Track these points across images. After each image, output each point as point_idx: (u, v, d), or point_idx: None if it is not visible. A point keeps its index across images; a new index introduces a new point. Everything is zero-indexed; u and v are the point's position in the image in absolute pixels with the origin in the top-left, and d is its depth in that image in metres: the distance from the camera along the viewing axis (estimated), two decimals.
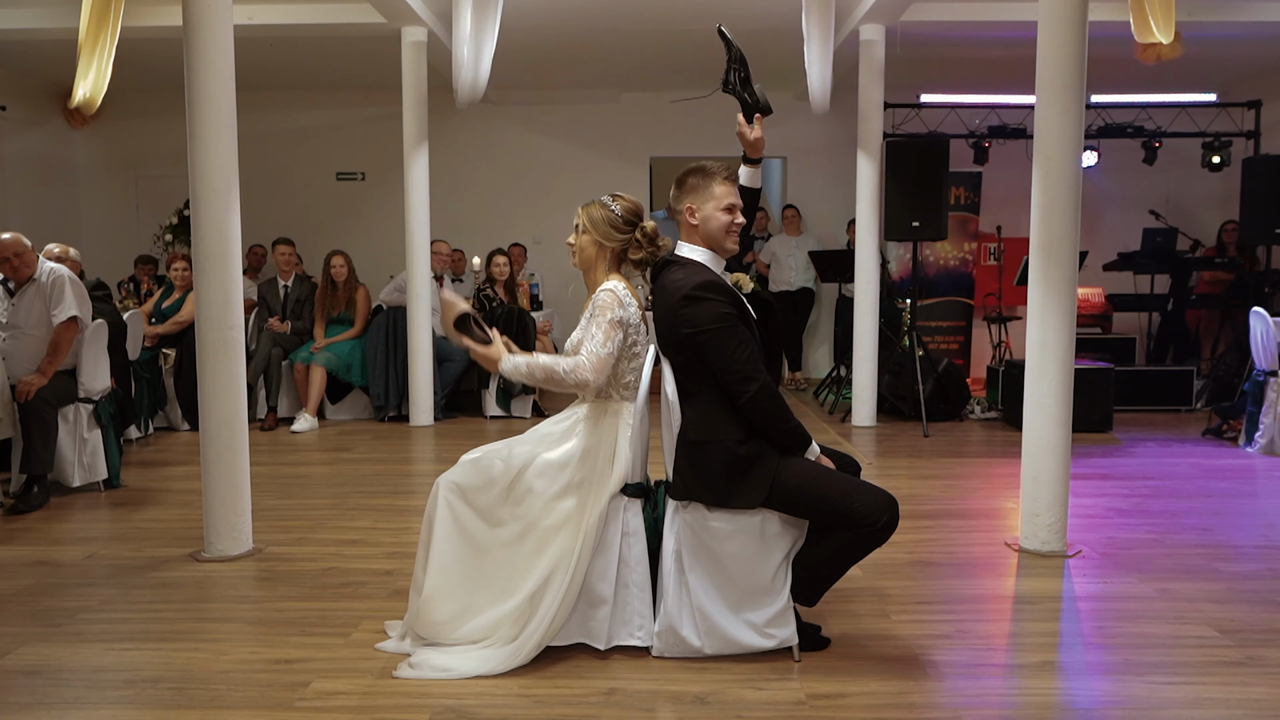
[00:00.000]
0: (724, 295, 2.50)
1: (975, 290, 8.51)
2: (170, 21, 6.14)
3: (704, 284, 2.49)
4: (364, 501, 4.41)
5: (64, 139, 9.04)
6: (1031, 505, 3.61)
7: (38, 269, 4.42)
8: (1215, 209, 8.76)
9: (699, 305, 2.47)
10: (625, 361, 2.63)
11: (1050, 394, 3.56)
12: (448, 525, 2.57)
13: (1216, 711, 2.31)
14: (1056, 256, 3.52)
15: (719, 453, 2.50)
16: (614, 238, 2.65)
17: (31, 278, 4.41)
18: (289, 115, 9.12)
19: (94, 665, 2.59)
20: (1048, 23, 3.51)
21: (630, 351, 2.63)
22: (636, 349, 2.64)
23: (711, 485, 2.50)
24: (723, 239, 2.60)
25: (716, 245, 2.61)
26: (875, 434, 6.25)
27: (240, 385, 3.58)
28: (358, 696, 2.39)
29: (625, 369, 2.64)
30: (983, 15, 6.41)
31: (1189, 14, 5.98)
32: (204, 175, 3.47)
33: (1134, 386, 7.02)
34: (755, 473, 2.49)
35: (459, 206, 8.89)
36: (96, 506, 4.37)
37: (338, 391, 6.83)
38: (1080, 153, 3.54)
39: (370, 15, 6.22)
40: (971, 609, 3.02)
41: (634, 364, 2.64)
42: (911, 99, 7.90)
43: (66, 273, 4.45)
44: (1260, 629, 2.83)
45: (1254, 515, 4.15)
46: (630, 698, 2.38)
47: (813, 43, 5.91)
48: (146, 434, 6.09)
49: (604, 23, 6.76)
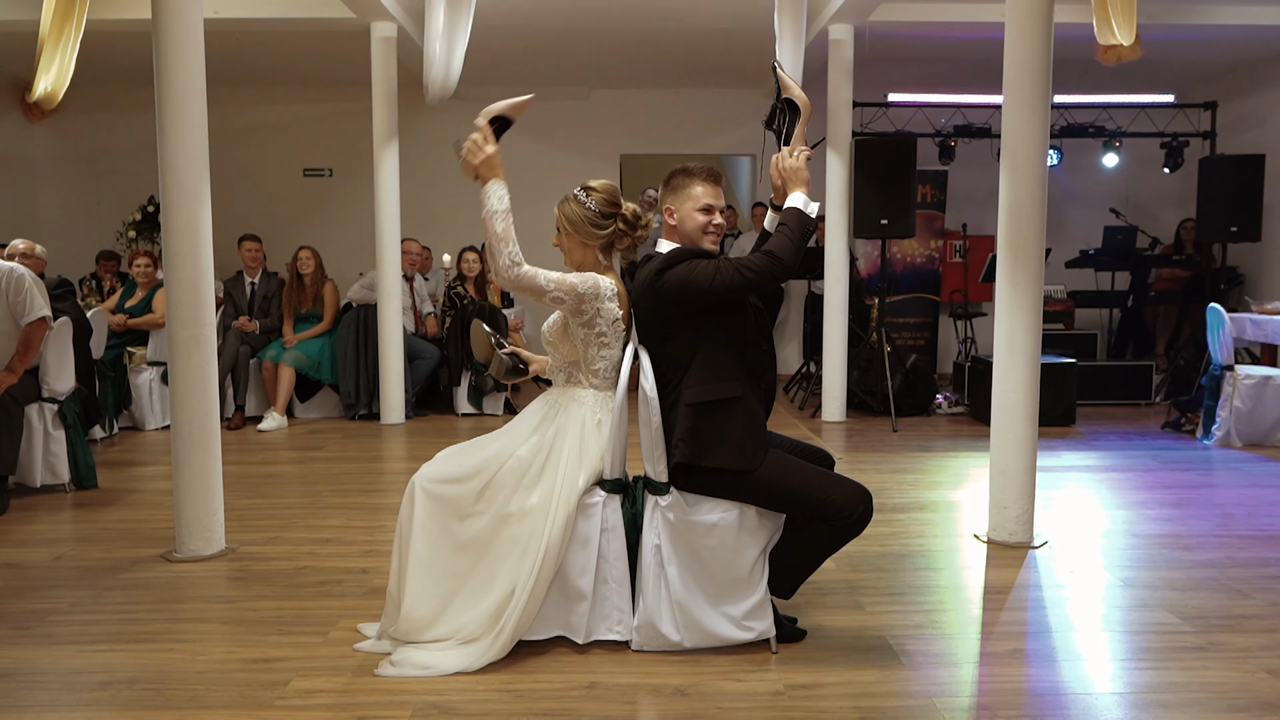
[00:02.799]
0: (696, 253, 2.55)
1: (942, 287, 8.65)
2: (133, 14, 6.05)
3: (676, 251, 2.56)
4: (337, 500, 4.39)
5: (21, 133, 8.85)
6: (999, 498, 3.68)
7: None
8: (1173, 207, 8.97)
9: (678, 263, 2.51)
10: (594, 348, 2.65)
11: (1017, 389, 3.64)
12: (424, 523, 2.57)
13: (1179, 695, 2.38)
14: (1023, 253, 3.59)
15: (740, 411, 2.53)
16: (596, 236, 2.66)
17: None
18: (255, 110, 9.00)
19: (67, 667, 2.56)
20: (1015, 24, 3.58)
21: (598, 340, 2.64)
22: (605, 339, 2.64)
23: (740, 447, 2.50)
24: (699, 238, 2.62)
25: (692, 244, 2.63)
26: (845, 429, 6.32)
27: (212, 384, 3.55)
28: (338, 694, 2.38)
29: (594, 355, 2.65)
30: (949, 16, 6.51)
31: (1149, 17, 6.11)
32: (174, 171, 3.43)
33: (1095, 381, 7.17)
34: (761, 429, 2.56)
35: (428, 203, 8.84)
36: (61, 508, 4.30)
37: (306, 390, 6.77)
38: (1046, 151, 3.62)
39: (339, 10, 6.16)
40: (942, 599, 3.08)
41: (603, 352, 2.65)
42: (879, 98, 8.00)
43: (26, 272, 4.37)
44: (1220, 615, 2.92)
45: (1213, 505, 4.27)
46: (611, 691, 2.40)
47: (784, 42, 5.95)
48: (111, 434, 5.99)
49: (574, 20, 6.76)
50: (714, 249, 2.65)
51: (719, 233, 2.65)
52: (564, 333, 2.68)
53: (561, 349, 2.71)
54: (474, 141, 2.51)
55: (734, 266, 2.47)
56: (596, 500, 2.60)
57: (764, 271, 2.46)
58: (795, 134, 2.68)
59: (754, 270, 2.46)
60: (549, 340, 2.73)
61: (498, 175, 2.52)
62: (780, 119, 2.71)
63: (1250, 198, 6.94)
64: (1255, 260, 8.21)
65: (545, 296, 2.55)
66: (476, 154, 2.51)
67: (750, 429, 2.53)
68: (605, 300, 2.61)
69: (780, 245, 2.50)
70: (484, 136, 2.52)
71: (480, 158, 2.51)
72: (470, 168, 2.52)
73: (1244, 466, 5.09)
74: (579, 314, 2.60)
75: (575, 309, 2.59)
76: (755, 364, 2.62)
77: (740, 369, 2.57)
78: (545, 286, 2.53)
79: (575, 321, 2.63)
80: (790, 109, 2.70)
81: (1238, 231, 6.95)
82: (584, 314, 2.60)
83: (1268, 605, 3.00)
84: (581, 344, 2.65)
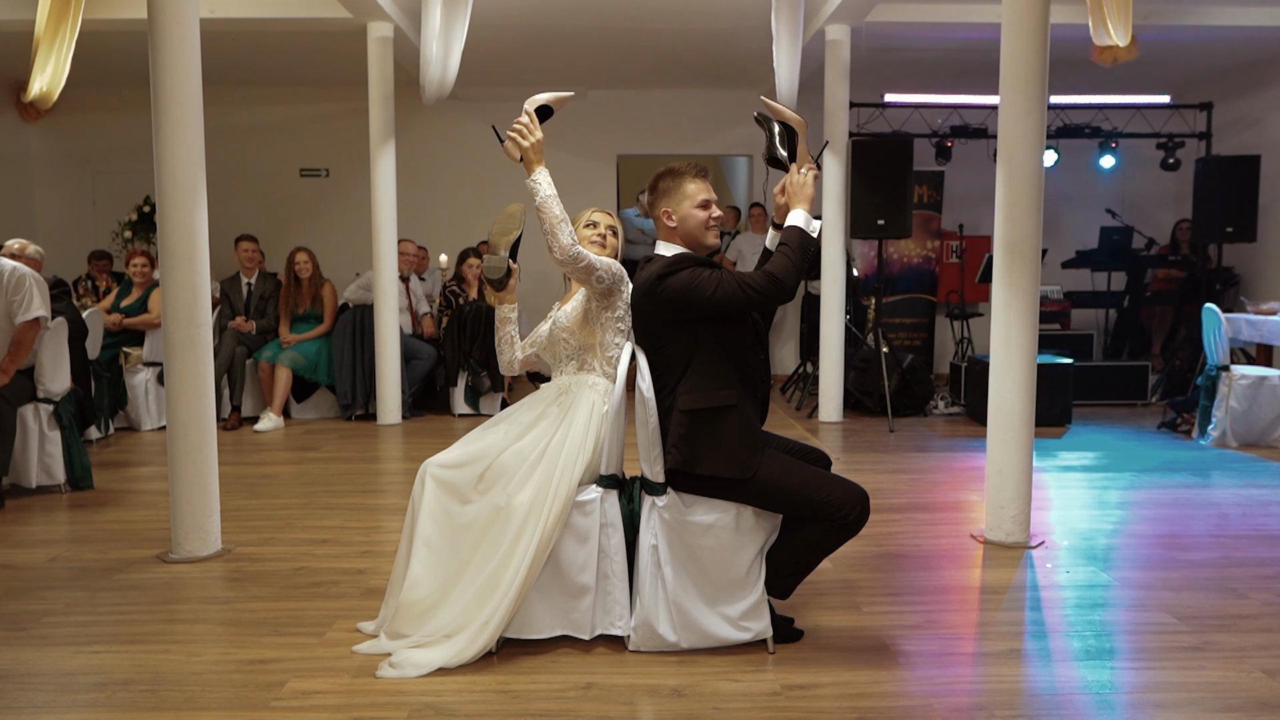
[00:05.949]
0: (700, 262, 2.56)
1: (938, 287, 8.66)
2: (129, 14, 6.04)
3: (680, 257, 2.56)
4: (333, 501, 4.38)
5: (17, 133, 8.82)
6: (996, 498, 3.69)
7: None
8: (1169, 208, 8.99)
9: (681, 270, 2.51)
10: (611, 334, 2.73)
11: (1014, 389, 3.64)
12: (430, 506, 2.62)
13: (1175, 695, 2.39)
14: (1020, 254, 3.60)
15: (734, 420, 2.52)
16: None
17: None
18: (251, 110, 8.98)
19: (63, 669, 2.55)
20: (1011, 25, 3.58)
21: (616, 325, 2.73)
22: (621, 325, 2.74)
23: (734, 456, 2.51)
24: (702, 235, 2.63)
25: (696, 243, 2.64)
26: (842, 429, 6.33)
27: (208, 384, 3.54)
28: (335, 695, 2.38)
29: (610, 341, 2.73)
30: (945, 17, 6.52)
31: (1144, 18, 6.13)
32: (170, 171, 3.42)
33: (1091, 381, 7.18)
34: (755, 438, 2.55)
35: (425, 204, 8.83)
36: (56, 508, 4.29)
37: (303, 390, 6.76)
38: (1043, 151, 3.62)
39: (336, 10, 6.16)
40: (939, 599, 3.08)
41: (617, 339, 2.74)
42: (876, 99, 8.01)
43: (30, 272, 4.37)
44: (1215, 615, 2.93)
45: (1208, 505, 4.28)
46: (608, 692, 2.40)
47: (781, 42, 5.96)
48: (107, 435, 5.98)
49: (571, 20, 6.76)
50: (716, 243, 2.67)
51: (719, 225, 2.68)
52: (584, 317, 2.75)
53: (579, 334, 2.76)
54: (523, 126, 2.59)
55: (736, 282, 2.48)
56: (594, 496, 2.61)
57: (765, 292, 2.47)
58: (800, 152, 2.69)
59: (755, 289, 2.47)
60: (566, 326, 2.77)
61: (541, 162, 2.61)
62: (782, 143, 2.72)
63: (1246, 198, 6.96)
64: (1251, 261, 8.22)
65: (594, 274, 2.64)
66: (527, 137, 2.58)
67: (744, 437, 2.53)
68: (628, 284, 2.73)
69: (782, 267, 2.50)
70: (532, 121, 2.60)
71: (529, 142, 2.59)
72: (518, 149, 2.60)
73: (1239, 466, 5.10)
74: (610, 294, 2.70)
75: (612, 288, 2.69)
76: (752, 372, 2.62)
77: (736, 377, 2.57)
78: (596, 265, 2.63)
79: (602, 304, 2.71)
80: (789, 131, 2.71)
81: (1233, 232, 6.96)
82: (613, 295, 2.70)
83: (1263, 605, 3.01)
84: (601, 328, 2.73)
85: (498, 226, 2.85)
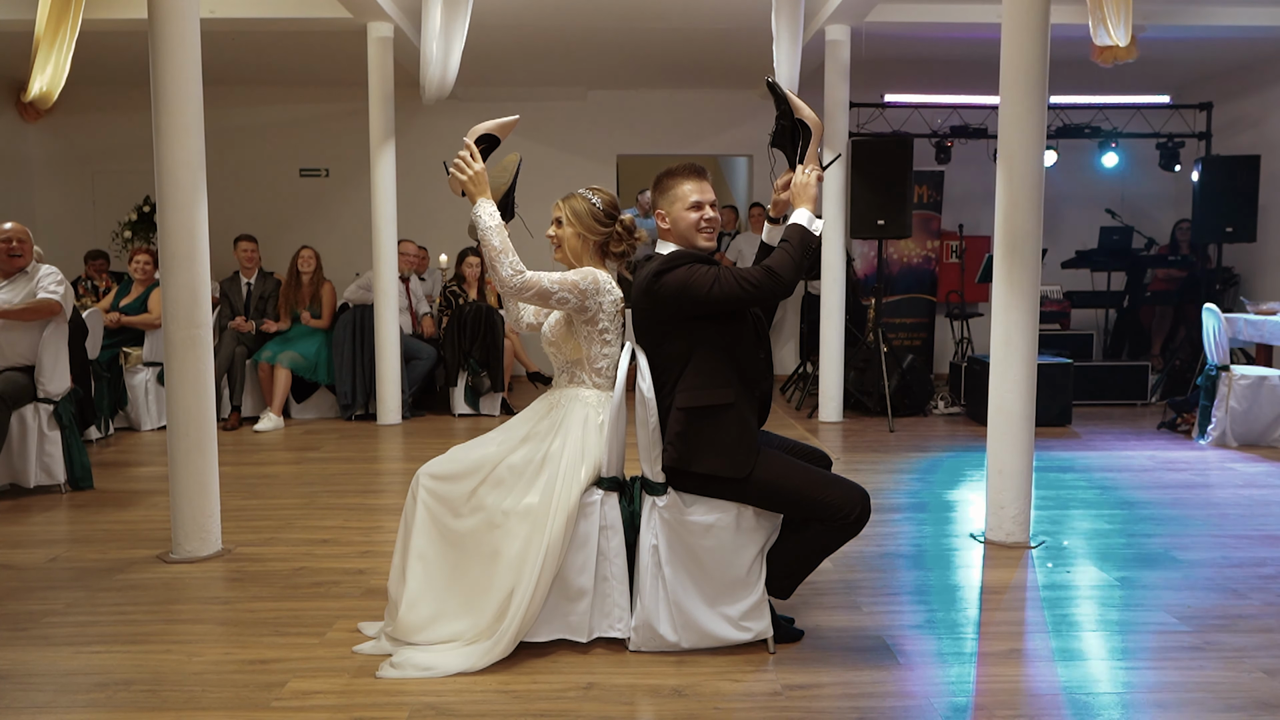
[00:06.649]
0: (697, 258, 2.56)
1: (938, 287, 8.66)
2: (129, 14, 6.04)
3: (676, 254, 2.56)
4: (333, 501, 4.38)
5: (17, 133, 8.82)
6: (996, 498, 3.69)
7: (32, 262, 4.45)
8: (1169, 208, 8.99)
9: (677, 266, 2.51)
10: (597, 346, 2.68)
11: (1014, 389, 3.64)
12: (423, 519, 2.60)
13: (1175, 695, 2.39)
14: (1020, 254, 3.60)
15: (731, 419, 2.52)
16: (597, 230, 2.71)
17: (23, 269, 4.39)
18: (251, 110, 8.98)
19: (63, 669, 2.55)
20: (1011, 25, 3.59)
21: (601, 337, 2.67)
22: (607, 336, 2.68)
23: (729, 454, 2.50)
24: (693, 236, 2.63)
25: (687, 245, 2.64)
26: (842, 429, 6.33)
27: (208, 384, 3.54)
28: (336, 696, 2.38)
29: (597, 354, 2.68)
30: (945, 17, 6.52)
31: (1145, 18, 6.14)
32: (170, 171, 3.41)
33: (1091, 381, 7.18)
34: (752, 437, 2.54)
35: (425, 204, 8.83)
36: (56, 508, 4.29)
37: (303, 390, 6.76)
38: (1043, 152, 3.62)
39: (336, 10, 6.16)
40: (939, 599, 3.08)
41: (605, 350, 2.69)
42: (876, 99, 8.00)
43: (60, 274, 4.51)
44: (1216, 615, 2.93)
45: (1208, 505, 4.28)
46: (609, 692, 2.40)
47: (781, 42, 5.96)
48: (107, 434, 5.98)
49: (571, 20, 6.76)
50: (710, 245, 2.65)
51: (713, 227, 2.65)
52: (567, 331, 2.70)
53: (564, 349, 2.72)
54: (462, 159, 2.59)
55: (734, 278, 2.47)
56: (594, 498, 2.61)
57: (763, 287, 2.46)
58: (808, 154, 2.68)
59: (753, 284, 2.46)
60: (551, 341, 2.75)
61: (485, 194, 2.59)
62: (791, 138, 2.71)
63: (1245, 198, 6.96)
64: (1250, 261, 8.23)
65: (551, 299, 2.59)
66: (464, 171, 2.58)
67: (741, 437, 2.53)
68: (605, 292, 2.64)
69: (781, 262, 2.50)
70: (471, 155, 2.59)
71: (468, 175, 2.58)
72: (458, 184, 2.60)
73: (1239, 467, 5.10)
74: (583, 311, 2.64)
75: (580, 307, 2.62)
76: (752, 371, 2.62)
77: (735, 376, 2.57)
78: (550, 289, 2.57)
79: (579, 319, 2.66)
80: (803, 130, 2.70)
81: (1233, 232, 6.97)
82: (587, 311, 2.63)
83: (1263, 605, 3.01)
84: (585, 341, 2.68)
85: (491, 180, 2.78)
